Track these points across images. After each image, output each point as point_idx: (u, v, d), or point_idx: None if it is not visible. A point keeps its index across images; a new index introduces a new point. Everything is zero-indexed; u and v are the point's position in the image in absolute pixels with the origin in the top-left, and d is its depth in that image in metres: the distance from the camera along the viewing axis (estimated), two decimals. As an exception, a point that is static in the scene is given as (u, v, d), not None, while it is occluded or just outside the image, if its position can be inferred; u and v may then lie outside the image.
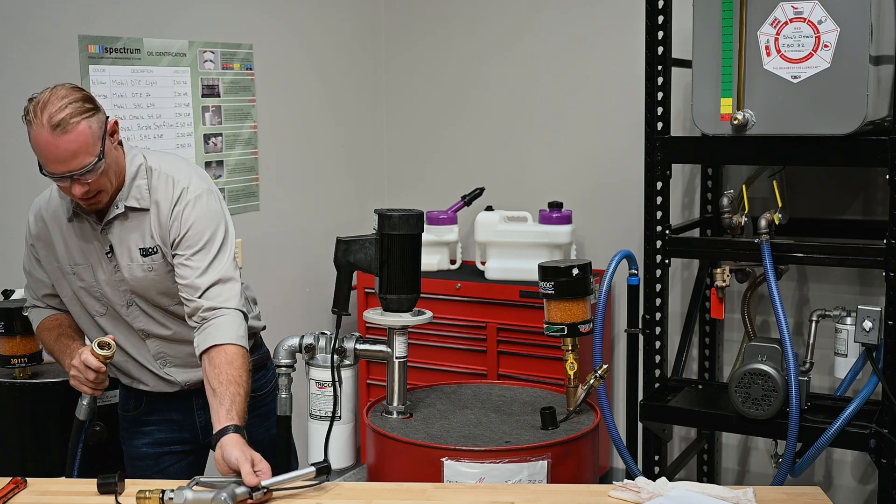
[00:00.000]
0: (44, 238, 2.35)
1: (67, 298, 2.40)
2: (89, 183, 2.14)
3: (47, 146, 2.10)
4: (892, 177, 2.76)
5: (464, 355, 3.85)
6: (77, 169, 2.11)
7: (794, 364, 2.85)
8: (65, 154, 2.10)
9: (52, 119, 2.09)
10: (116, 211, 2.25)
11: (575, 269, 2.34)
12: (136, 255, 2.27)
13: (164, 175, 2.28)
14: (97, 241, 2.29)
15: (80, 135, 2.10)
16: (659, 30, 3.10)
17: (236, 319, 2.22)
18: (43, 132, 2.10)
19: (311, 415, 2.40)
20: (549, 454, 2.17)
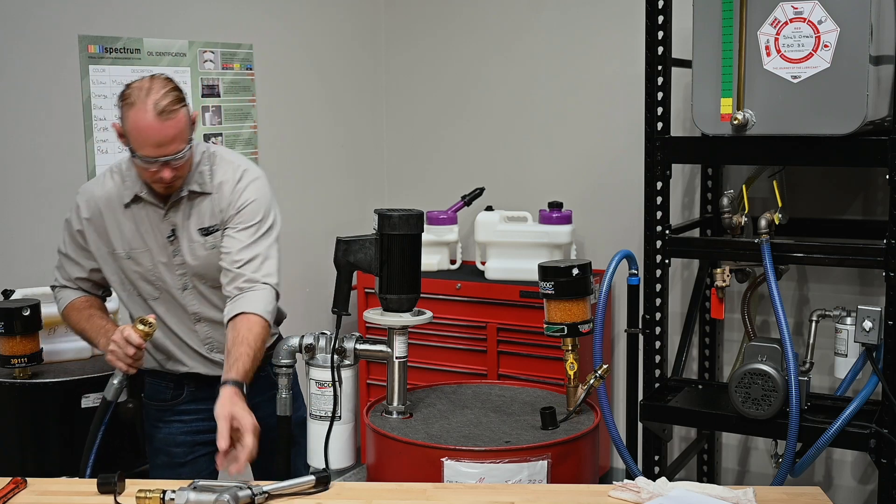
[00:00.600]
0: (97, 224, 2.43)
1: (116, 283, 2.47)
2: (177, 168, 2.29)
3: (150, 130, 2.22)
4: (892, 177, 2.76)
5: (464, 355, 3.85)
6: (172, 154, 2.26)
7: (794, 364, 2.85)
8: (165, 139, 2.23)
9: (157, 105, 2.22)
10: (181, 194, 2.38)
11: (575, 269, 2.34)
12: (197, 236, 2.40)
13: (226, 160, 2.46)
14: (159, 226, 2.41)
15: (178, 122, 2.26)
16: (659, 30, 3.10)
17: (268, 295, 2.37)
18: (147, 116, 2.22)
19: (311, 415, 2.40)
20: (549, 454, 2.17)
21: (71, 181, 3.10)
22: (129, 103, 2.25)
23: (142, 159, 2.27)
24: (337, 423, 2.36)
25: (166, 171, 2.29)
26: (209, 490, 1.93)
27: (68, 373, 2.66)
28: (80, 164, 3.13)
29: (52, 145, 3.05)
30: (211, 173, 2.43)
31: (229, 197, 2.41)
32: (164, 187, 2.35)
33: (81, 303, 2.49)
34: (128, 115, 2.25)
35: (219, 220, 2.41)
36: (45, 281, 2.87)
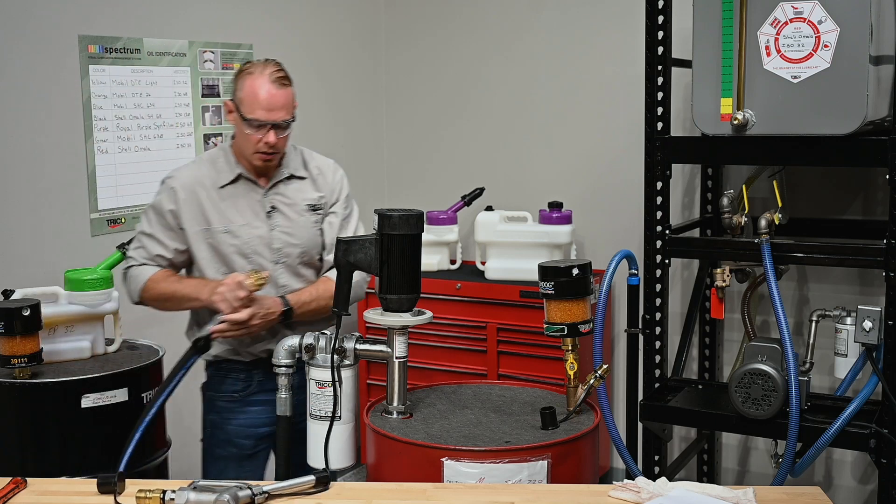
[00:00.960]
0: (192, 202, 2.63)
1: (207, 260, 2.65)
2: (280, 138, 2.56)
3: (265, 93, 2.53)
4: (892, 177, 2.76)
5: (464, 355, 3.85)
6: (281, 119, 2.55)
7: (794, 364, 2.85)
8: (277, 104, 2.54)
9: (272, 74, 2.56)
10: (282, 175, 2.68)
11: (575, 269, 2.33)
12: (300, 213, 2.69)
13: (309, 153, 2.78)
14: (258, 203, 2.66)
15: (289, 94, 2.58)
16: (659, 30, 3.10)
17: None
18: (265, 82, 2.54)
19: (310, 415, 2.40)
20: (549, 454, 2.17)
21: (71, 181, 3.10)
22: (248, 72, 2.57)
23: (252, 123, 2.54)
24: (337, 423, 2.36)
25: (272, 135, 2.54)
26: (209, 490, 1.93)
27: (68, 373, 2.66)
28: (80, 164, 3.13)
29: (52, 145, 3.05)
30: (304, 161, 2.74)
31: (332, 184, 2.75)
32: (263, 158, 2.59)
33: (166, 273, 2.67)
34: (244, 82, 2.56)
35: (321, 201, 2.72)
36: (45, 281, 2.88)
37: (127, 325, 2.99)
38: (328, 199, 2.74)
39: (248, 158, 2.63)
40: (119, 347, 2.89)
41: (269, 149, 2.57)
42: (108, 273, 2.85)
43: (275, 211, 2.67)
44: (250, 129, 2.55)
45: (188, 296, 2.62)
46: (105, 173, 3.20)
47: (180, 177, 2.67)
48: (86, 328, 2.81)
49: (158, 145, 3.38)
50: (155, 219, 2.67)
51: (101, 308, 2.82)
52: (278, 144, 2.58)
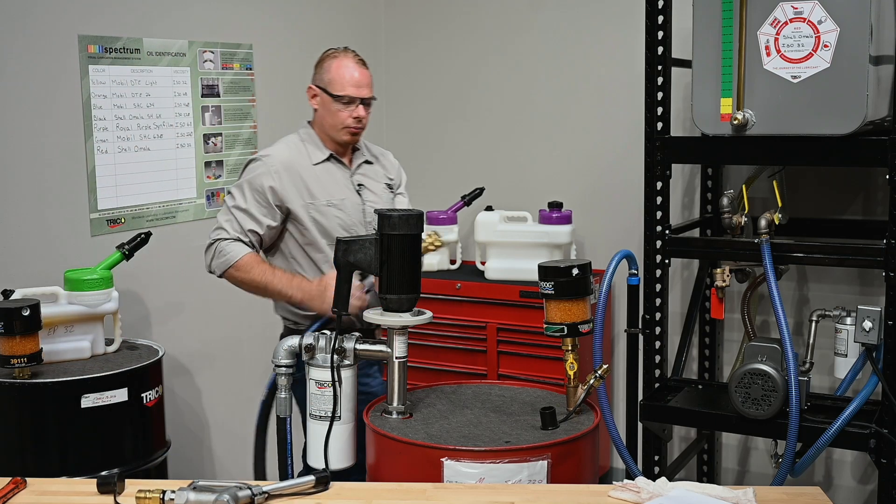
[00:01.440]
0: (295, 177, 2.78)
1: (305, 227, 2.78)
2: (366, 113, 2.82)
3: (350, 73, 2.79)
4: (892, 177, 2.75)
5: (464, 355, 3.85)
6: (367, 96, 2.82)
7: (794, 364, 2.85)
8: (364, 81, 2.81)
9: (354, 57, 2.84)
10: (361, 158, 2.94)
11: (575, 269, 2.33)
12: (384, 190, 2.95)
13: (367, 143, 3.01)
14: (348, 180, 2.88)
15: (370, 75, 2.85)
16: (659, 30, 3.10)
17: None
18: (348, 62, 2.81)
19: (310, 415, 2.40)
20: (549, 454, 2.17)
21: (71, 181, 3.10)
22: (332, 56, 2.82)
23: (342, 100, 2.77)
24: (337, 423, 2.36)
25: (360, 110, 2.79)
26: (209, 490, 1.93)
27: (68, 373, 2.66)
28: (80, 164, 3.13)
29: (52, 145, 3.05)
30: (368, 148, 2.99)
31: (395, 167, 3.05)
32: (352, 131, 2.82)
33: (257, 258, 2.77)
34: (330, 64, 2.81)
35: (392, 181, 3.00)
36: (45, 281, 2.88)
37: (127, 325, 3.00)
38: (395, 179, 3.03)
39: (335, 136, 2.83)
40: (119, 347, 2.90)
41: (357, 123, 2.80)
42: (108, 273, 2.86)
43: (363, 188, 2.89)
44: (340, 106, 2.78)
45: (280, 292, 2.74)
46: (105, 173, 3.20)
47: (277, 155, 2.82)
48: (85, 328, 2.81)
49: (158, 145, 3.38)
50: (251, 195, 2.76)
51: (101, 308, 2.82)
52: (365, 119, 2.82)
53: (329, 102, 2.80)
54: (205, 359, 3.61)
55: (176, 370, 3.40)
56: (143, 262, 3.12)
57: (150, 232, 3.01)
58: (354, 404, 2.41)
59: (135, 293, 3.19)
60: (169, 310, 3.45)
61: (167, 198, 3.42)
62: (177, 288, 3.47)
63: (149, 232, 3.00)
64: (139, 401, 2.70)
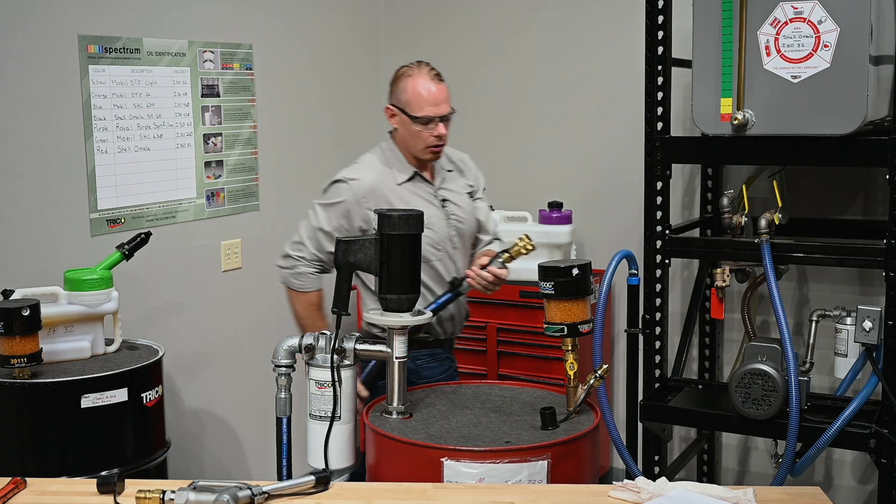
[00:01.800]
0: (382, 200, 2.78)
1: None
2: (446, 130, 2.79)
3: (427, 91, 2.76)
4: (892, 177, 2.76)
5: (464, 355, 3.84)
6: (445, 113, 2.78)
7: (794, 364, 2.85)
8: (440, 98, 2.77)
9: (430, 73, 2.79)
10: (444, 170, 2.93)
11: (575, 269, 2.33)
12: (464, 200, 2.94)
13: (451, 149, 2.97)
14: (432, 196, 2.87)
15: (447, 89, 2.81)
16: (659, 30, 3.10)
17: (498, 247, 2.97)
18: (426, 80, 2.78)
19: (310, 415, 2.40)
20: (548, 454, 2.17)
21: (71, 181, 3.10)
22: (407, 75, 2.80)
23: (421, 120, 2.75)
24: (337, 424, 2.36)
25: (441, 127, 2.77)
26: (209, 490, 1.93)
27: (68, 373, 2.66)
28: (80, 164, 3.13)
29: (52, 145, 3.05)
30: (448, 156, 2.96)
31: (475, 172, 3.04)
32: (434, 151, 2.80)
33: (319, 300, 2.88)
34: (406, 84, 2.79)
35: (472, 188, 2.99)
36: (45, 281, 2.88)
37: (126, 325, 3.00)
38: (475, 185, 3.03)
39: (418, 155, 2.82)
40: (119, 347, 2.90)
41: (439, 141, 2.78)
42: (108, 273, 2.85)
43: (447, 202, 2.89)
44: (420, 126, 2.76)
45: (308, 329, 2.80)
46: (105, 173, 3.20)
47: (363, 179, 2.80)
48: (85, 328, 2.81)
49: (158, 145, 3.38)
50: (335, 218, 2.79)
51: (101, 308, 2.82)
52: (446, 135, 2.80)
53: (409, 123, 2.78)
54: (205, 359, 3.61)
55: (176, 370, 3.40)
56: (143, 262, 3.12)
57: (150, 232, 3.01)
58: (354, 404, 2.41)
59: (135, 293, 3.19)
60: (169, 310, 3.45)
61: (167, 198, 3.42)
62: (177, 288, 3.47)
63: (149, 232, 3.00)
64: (139, 401, 2.69)
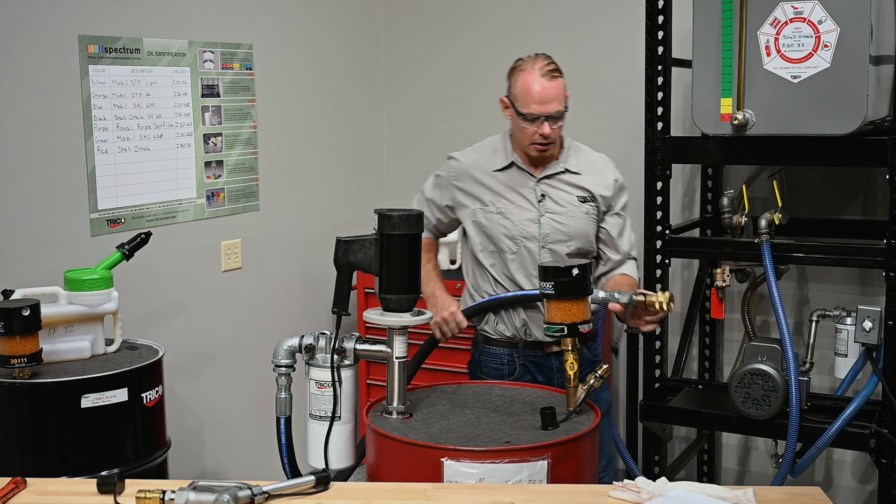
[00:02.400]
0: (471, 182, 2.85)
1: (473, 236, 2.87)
2: (553, 129, 2.71)
3: (535, 88, 2.69)
4: (892, 177, 2.76)
5: (464, 355, 3.84)
6: (553, 112, 2.71)
7: (794, 364, 2.85)
8: (549, 96, 2.69)
9: (542, 68, 2.71)
10: (557, 168, 2.83)
11: (575, 269, 2.33)
12: (576, 202, 2.81)
13: (588, 151, 2.92)
14: (530, 189, 2.82)
15: (559, 86, 2.73)
16: (659, 30, 3.10)
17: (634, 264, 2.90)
18: (536, 76, 2.70)
19: (310, 415, 2.40)
20: (548, 454, 2.17)
21: (71, 181, 3.10)
22: (520, 69, 2.74)
23: (526, 117, 2.70)
24: (337, 423, 2.36)
25: (546, 127, 2.70)
26: (209, 490, 1.93)
27: (68, 373, 2.65)
28: (80, 164, 3.13)
29: (52, 145, 3.05)
30: (579, 158, 2.87)
31: (607, 183, 2.85)
32: (539, 149, 2.75)
33: (427, 243, 2.84)
34: (517, 79, 2.74)
35: (598, 196, 2.83)
36: (45, 281, 2.88)
37: (127, 325, 3.00)
38: (608, 198, 2.85)
39: (524, 150, 2.80)
40: (119, 347, 2.89)
41: (543, 139, 2.72)
42: (108, 273, 2.85)
43: (546, 198, 2.81)
44: (526, 123, 2.72)
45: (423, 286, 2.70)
46: (105, 173, 3.20)
47: (463, 158, 2.90)
48: (86, 328, 2.81)
49: (158, 145, 3.38)
50: (435, 189, 2.94)
51: (101, 308, 2.82)
52: (552, 135, 2.73)
53: (516, 118, 2.76)
54: (205, 359, 3.61)
55: (176, 370, 3.40)
56: (143, 262, 3.12)
57: (150, 232, 3.01)
58: (354, 404, 2.41)
59: (135, 293, 3.19)
60: (169, 310, 3.45)
61: (167, 198, 3.42)
62: (177, 288, 3.47)
63: (149, 232, 3.00)
64: (139, 401, 2.69)
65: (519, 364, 2.89)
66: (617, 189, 2.87)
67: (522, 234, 2.80)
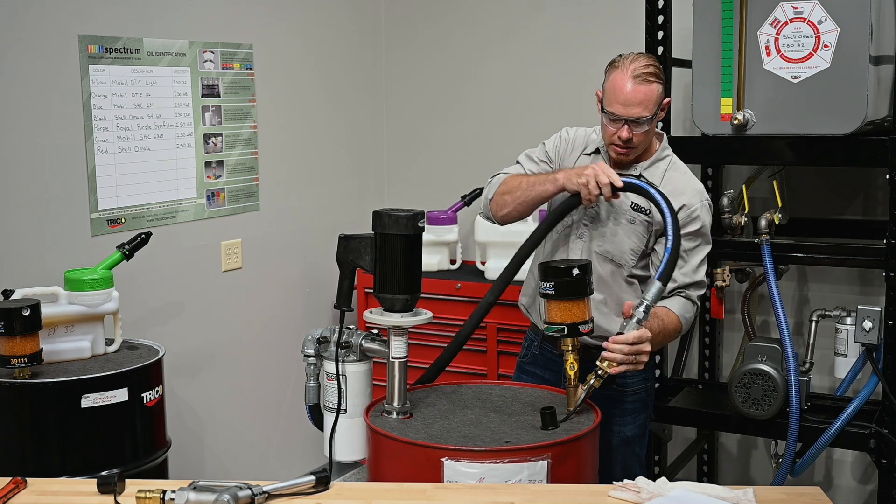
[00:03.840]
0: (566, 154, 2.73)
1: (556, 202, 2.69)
2: (635, 133, 2.54)
3: (622, 88, 2.53)
4: (892, 177, 2.76)
5: (464, 355, 3.82)
6: (634, 116, 2.52)
7: (794, 364, 2.85)
8: (632, 99, 2.51)
9: (635, 70, 2.53)
10: (633, 171, 2.63)
11: (575, 269, 2.33)
12: (627, 207, 2.61)
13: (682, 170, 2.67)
14: None
15: (650, 91, 2.53)
16: (659, 30, 3.10)
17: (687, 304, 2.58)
18: (624, 76, 2.53)
19: (324, 406, 2.47)
20: (548, 454, 2.17)
21: (71, 181, 3.10)
22: (615, 66, 2.58)
23: (608, 115, 2.56)
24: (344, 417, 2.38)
25: (624, 131, 2.54)
26: (209, 490, 1.93)
27: (68, 373, 2.66)
28: (80, 164, 3.13)
29: (52, 145, 3.05)
30: (665, 174, 2.63)
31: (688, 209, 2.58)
32: (618, 151, 2.59)
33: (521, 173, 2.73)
34: (609, 75, 2.58)
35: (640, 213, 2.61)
36: (45, 281, 2.88)
37: (127, 325, 3.00)
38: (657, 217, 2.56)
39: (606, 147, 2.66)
40: (119, 347, 2.90)
41: (622, 142, 2.56)
42: (108, 273, 2.85)
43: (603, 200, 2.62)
44: (607, 121, 2.58)
45: (537, 181, 2.63)
46: (105, 173, 3.20)
47: (573, 131, 2.78)
48: (86, 328, 2.81)
49: (158, 145, 3.38)
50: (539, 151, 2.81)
51: (101, 308, 2.82)
52: (633, 140, 2.56)
53: (601, 113, 2.61)
54: (205, 359, 3.62)
55: (176, 370, 3.40)
56: (143, 262, 3.12)
57: (150, 232, 3.01)
58: (365, 400, 2.45)
59: (135, 293, 3.19)
60: (169, 310, 3.45)
61: (167, 198, 3.42)
62: (177, 288, 3.47)
63: (149, 232, 3.00)
64: (139, 401, 2.69)
65: (533, 353, 2.87)
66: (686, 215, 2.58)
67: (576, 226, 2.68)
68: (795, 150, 2.89)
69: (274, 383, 3.90)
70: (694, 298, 2.60)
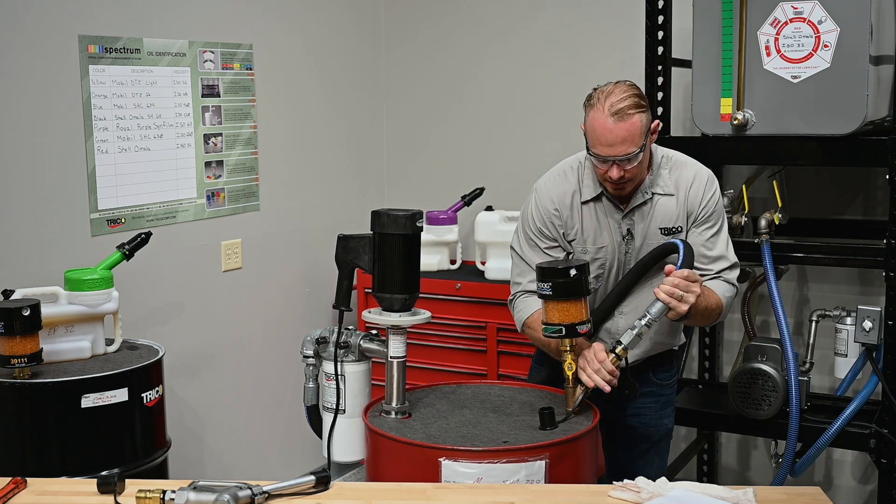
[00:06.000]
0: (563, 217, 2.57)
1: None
2: (626, 170, 2.41)
3: (603, 130, 2.40)
4: (892, 177, 2.76)
5: (464, 355, 3.85)
6: (621, 155, 2.39)
7: (794, 364, 2.85)
8: (615, 139, 2.38)
9: (612, 107, 2.39)
10: (643, 198, 2.52)
11: (573, 269, 2.33)
12: (656, 235, 2.52)
13: (681, 162, 2.58)
14: (616, 223, 2.55)
15: (632, 126, 2.38)
16: (659, 30, 3.10)
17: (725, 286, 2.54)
18: (602, 117, 2.40)
19: (323, 406, 2.46)
20: (546, 454, 2.17)
21: (71, 181, 3.10)
22: (591, 104, 2.45)
23: (594, 157, 2.44)
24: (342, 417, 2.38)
25: (614, 171, 2.42)
26: (209, 490, 1.93)
27: (68, 373, 2.66)
28: (80, 164, 3.13)
29: (52, 145, 3.05)
30: (671, 176, 2.55)
31: (699, 196, 2.54)
32: (612, 187, 2.48)
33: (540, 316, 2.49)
34: (587, 114, 2.46)
35: (684, 221, 2.54)
36: (45, 281, 2.88)
37: (127, 325, 3.00)
38: (693, 213, 2.55)
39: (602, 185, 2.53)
40: (119, 347, 2.90)
41: (613, 181, 2.44)
42: (108, 273, 2.86)
43: (631, 234, 2.55)
44: (595, 162, 2.46)
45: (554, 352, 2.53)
46: (105, 173, 3.20)
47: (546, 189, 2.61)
48: (86, 328, 2.81)
49: (158, 145, 3.38)
50: (525, 241, 2.60)
51: (101, 308, 2.82)
52: (626, 175, 2.43)
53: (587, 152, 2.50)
54: (205, 359, 3.62)
55: (176, 370, 3.40)
56: (143, 262, 3.12)
57: (150, 232, 3.01)
58: (362, 399, 2.45)
59: (135, 293, 3.19)
60: (169, 310, 3.45)
61: (167, 198, 3.42)
62: (177, 288, 3.48)
63: (149, 232, 3.00)
64: (139, 401, 2.69)
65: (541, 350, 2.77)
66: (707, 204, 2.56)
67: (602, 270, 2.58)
68: (795, 150, 2.89)
69: (274, 383, 3.90)
70: (732, 280, 2.58)
